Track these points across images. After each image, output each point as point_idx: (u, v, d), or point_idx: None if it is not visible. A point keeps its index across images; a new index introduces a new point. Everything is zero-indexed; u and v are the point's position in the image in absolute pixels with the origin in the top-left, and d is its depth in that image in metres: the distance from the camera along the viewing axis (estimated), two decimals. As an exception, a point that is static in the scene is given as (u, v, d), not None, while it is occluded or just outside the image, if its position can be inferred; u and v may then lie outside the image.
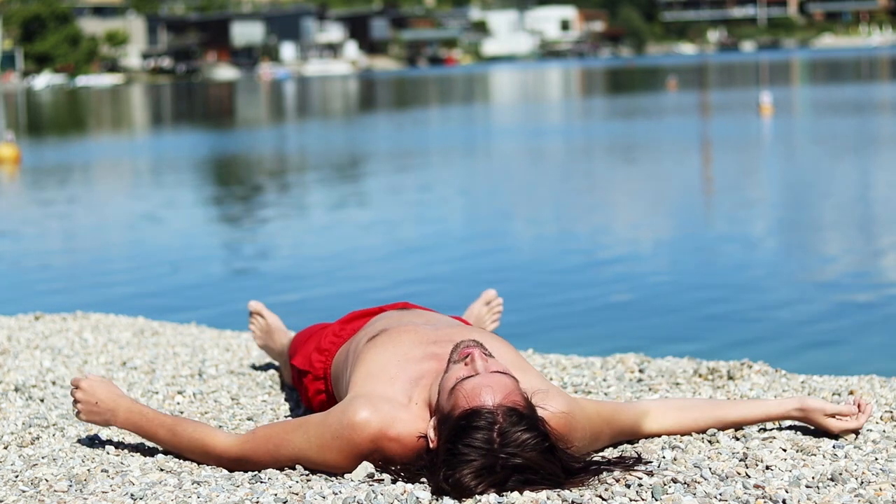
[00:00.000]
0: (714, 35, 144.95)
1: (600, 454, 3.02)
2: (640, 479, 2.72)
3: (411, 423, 2.83)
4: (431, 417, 2.81)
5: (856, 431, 3.09)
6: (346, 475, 2.85)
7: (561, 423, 2.81)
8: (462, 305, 4.63)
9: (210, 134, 30.81)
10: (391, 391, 2.90)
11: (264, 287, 9.27)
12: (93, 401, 3.18)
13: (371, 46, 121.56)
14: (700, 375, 4.00)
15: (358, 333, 3.28)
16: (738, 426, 3.14)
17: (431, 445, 2.74)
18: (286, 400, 3.90)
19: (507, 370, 2.77)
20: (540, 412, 2.75)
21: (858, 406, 3.09)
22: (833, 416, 3.08)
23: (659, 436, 3.13)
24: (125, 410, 3.15)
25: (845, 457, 2.90)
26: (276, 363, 4.33)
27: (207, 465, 3.06)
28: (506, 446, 2.61)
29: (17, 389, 4.07)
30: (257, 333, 4.20)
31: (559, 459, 2.67)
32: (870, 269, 9.24)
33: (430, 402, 2.85)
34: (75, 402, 3.21)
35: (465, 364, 2.76)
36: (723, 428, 3.14)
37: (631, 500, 2.62)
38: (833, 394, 3.67)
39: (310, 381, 3.39)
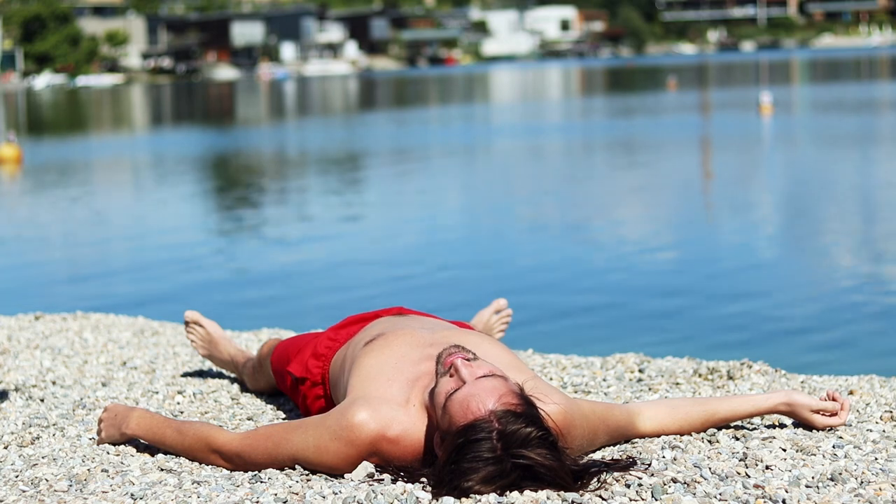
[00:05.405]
0: (714, 35, 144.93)
1: (599, 454, 3.02)
2: (640, 479, 2.72)
3: (409, 424, 2.83)
4: (429, 424, 2.82)
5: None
6: (346, 475, 2.86)
7: (559, 422, 2.81)
8: (460, 306, 4.63)
9: (210, 133, 30.80)
10: (389, 393, 2.90)
11: (264, 286, 9.27)
12: (112, 415, 3.33)
13: (371, 46, 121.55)
14: (700, 375, 4.00)
15: (354, 338, 3.29)
16: (728, 421, 3.16)
17: (438, 460, 2.73)
18: (286, 400, 3.90)
19: (493, 370, 2.76)
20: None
21: (842, 404, 3.17)
22: (818, 412, 3.14)
23: (654, 435, 3.13)
24: (137, 417, 3.26)
25: (845, 457, 2.90)
26: (226, 371, 4.31)
27: (209, 463, 3.07)
28: (509, 447, 2.61)
29: (17, 389, 4.07)
30: (199, 343, 4.19)
31: (563, 455, 2.67)
32: (870, 269, 9.24)
33: (427, 403, 2.84)
34: (100, 422, 3.35)
35: (451, 375, 2.76)
36: (714, 423, 3.15)
37: (631, 500, 2.62)
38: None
39: (307, 387, 3.39)
